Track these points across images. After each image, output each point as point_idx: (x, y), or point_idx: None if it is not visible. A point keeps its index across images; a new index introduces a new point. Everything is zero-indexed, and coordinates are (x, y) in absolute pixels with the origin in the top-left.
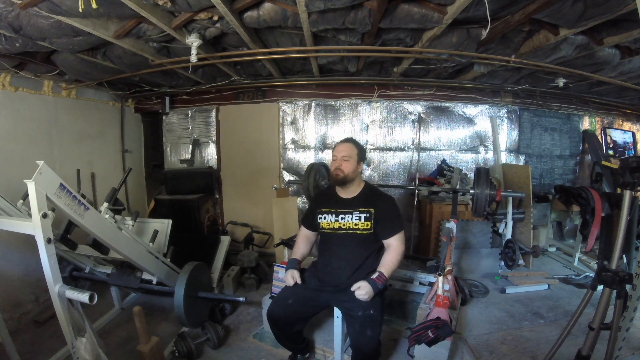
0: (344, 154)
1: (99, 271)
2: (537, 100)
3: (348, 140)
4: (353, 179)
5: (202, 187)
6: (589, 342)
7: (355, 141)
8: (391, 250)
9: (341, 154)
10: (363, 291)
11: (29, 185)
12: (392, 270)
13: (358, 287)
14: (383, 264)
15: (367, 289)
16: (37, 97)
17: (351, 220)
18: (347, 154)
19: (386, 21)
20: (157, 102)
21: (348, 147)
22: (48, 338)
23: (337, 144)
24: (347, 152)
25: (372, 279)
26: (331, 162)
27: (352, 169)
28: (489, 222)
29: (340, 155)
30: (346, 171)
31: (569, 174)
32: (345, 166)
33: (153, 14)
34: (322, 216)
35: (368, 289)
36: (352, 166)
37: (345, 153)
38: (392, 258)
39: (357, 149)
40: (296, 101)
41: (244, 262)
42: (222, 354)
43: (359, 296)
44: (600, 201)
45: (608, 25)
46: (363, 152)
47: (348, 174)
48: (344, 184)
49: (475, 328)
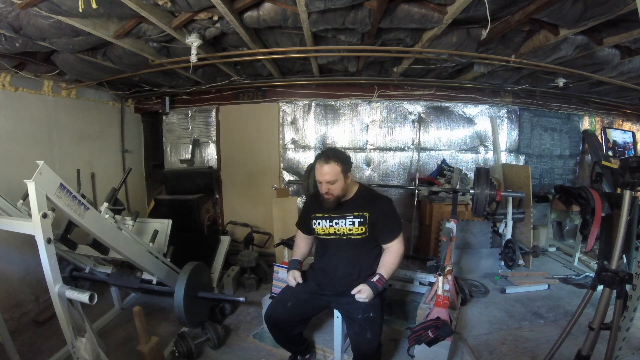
0: (328, 177)
1: (99, 271)
2: (537, 100)
3: (327, 159)
4: (346, 193)
5: (202, 187)
6: (589, 342)
7: (335, 156)
8: (391, 252)
9: (325, 178)
10: (364, 294)
11: (29, 185)
12: (392, 272)
13: (358, 290)
14: (382, 266)
15: (367, 292)
16: (37, 97)
17: (345, 226)
18: (332, 177)
19: (386, 21)
20: (157, 102)
21: (330, 169)
22: (48, 338)
23: (317, 165)
24: (332, 175)
25: (373, 282)
26: (317, 185)
27: (341, 187)
28: (489, 222)
29: (325, 180)
30: (336, 193)
31: (569, 174)
32: (334, 189)
33: (153, 14)
34: (316, 222)
35: (368, 292)
36: (341, 185)
37: (330, 177)
38: (392, 259)
39: (340, 165)
40: (296, 101)
41: (244, 262)
42: (222, 354)
43: (360, 299)
44: (600, 201)
45: (608, 25)
46: (347, 162)
47: (338, 194)
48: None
49: (475, 328)
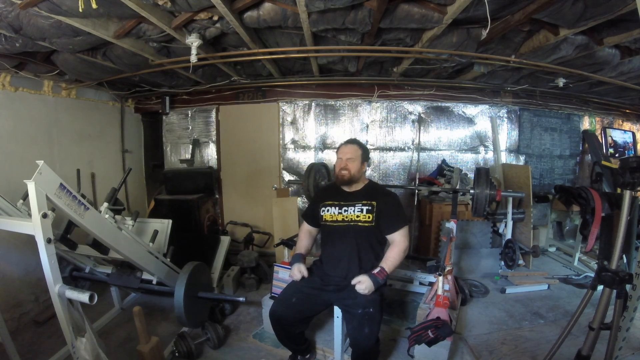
0: (349, 155)
1: (99, 271)
2: (537, 100)
3: (352, 141)
4: (358, 179)
5: (202, 187)
6: (589, 342)
7: (359, 142)
8: (395, 246)
9: (346, 156)
10: (363, 285)
11: (29, 185)
12: (394, 266)
13: (359, 281)
14: (385, 259)
15: (367, 283)
16: (37, 97)
17: (353, 212)
18: (352, 155)
19: (386, 21)
20: (157, 102)
21: (353, 149)
22: (48, 338)
23: (342, 145)
24: (352, 153)
25: (373, 274)
26: (336, 163)
27: (358, 168)
28: (489, 222)
29: (345, 157)
30: (352, 171)
31: (569, 174)
32: (352, 166)
33: (153, 14)
34: (325, 209)
35: (368, 283)
36: (357, 166)
37: (351, 155)
38: (395, 254)
39: (361, 149)
40: (296, 101)
41: (244, 262)
42: (222, 354)
43: (359, 290)
44: (600, 201)
45: (608, 25)
46: (367, 152)
47: (354, 174)
48: (349, 184)
49: (475, 328)
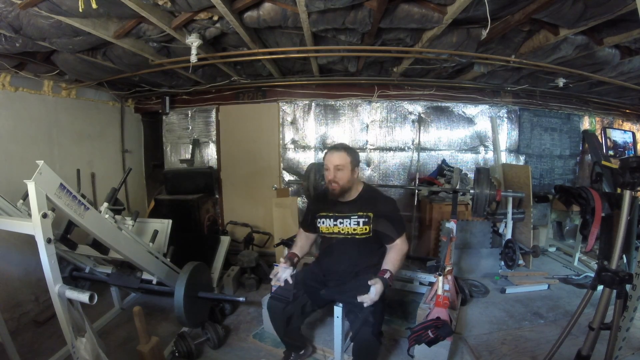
0: (337, 162)
1: (99, 271)
2: (537, 100)
3: (338, 148)
4: (350, 187)
5: (202, 187)
6: (589, 342)
7: (346, 147)
8: (395, 250)
9: (333, 164)
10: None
11: (29, 185)
12: (397, 268)
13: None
14: (388, 262)
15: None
16: (37, 97)
17: (350, 225)
18: (341, 162)
19: (386, 21)
20: (157, 102)
21: (340, 156)
22: (48, 338)
23: (328, 153)
24: (340, 161)
25: (385, 278)
26: (324, 173)
27: (347, 177)
28: (489, 222)
29: (332, 166)
30: (341, 182)
31: (569, 174)
32: (340, 177)
33: (153, 14)
34: (321, 220)
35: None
36: (347, 175)
37: (338, 162)
38: (397, 256)
39: (350, 156)
40: (296, 101)
41: (244, 262)
42: (222, 354)
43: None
44: (600, 201)
45: (608, 25)
46: (356, 157)
47: (344, 185)
48: (342, 195)
49: (475, 328)
